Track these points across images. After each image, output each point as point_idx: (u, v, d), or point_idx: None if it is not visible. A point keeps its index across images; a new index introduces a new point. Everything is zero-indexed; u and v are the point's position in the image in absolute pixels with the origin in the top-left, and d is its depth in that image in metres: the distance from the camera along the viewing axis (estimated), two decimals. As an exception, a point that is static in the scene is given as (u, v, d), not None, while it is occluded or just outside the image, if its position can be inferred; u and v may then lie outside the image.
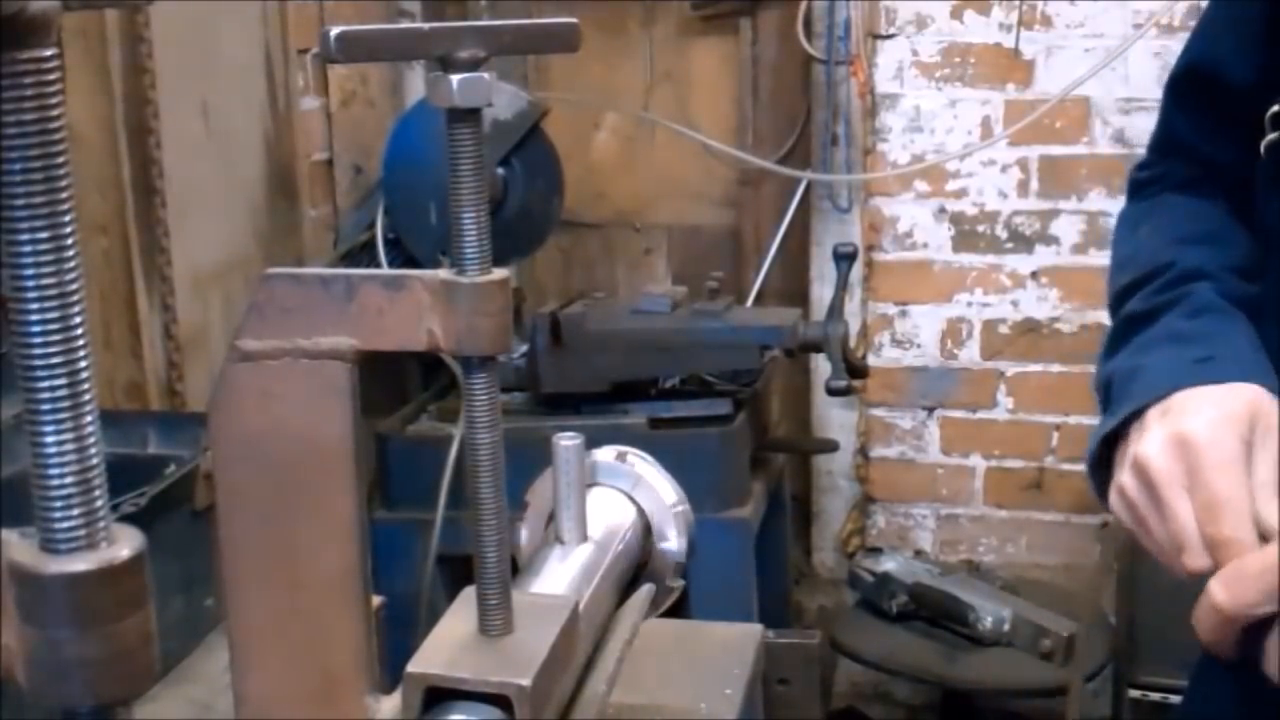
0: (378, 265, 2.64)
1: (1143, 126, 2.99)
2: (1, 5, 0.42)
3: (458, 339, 0.73)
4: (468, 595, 0.79)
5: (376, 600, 0.78)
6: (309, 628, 0.76)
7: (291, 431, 0.74)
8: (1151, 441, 0.90)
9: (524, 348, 2.50)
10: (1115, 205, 3.00)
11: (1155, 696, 2.73)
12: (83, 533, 0.47)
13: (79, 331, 0.46)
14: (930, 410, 3.22)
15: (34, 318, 0.45)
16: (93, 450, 0.47)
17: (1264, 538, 0.84)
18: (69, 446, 0.46)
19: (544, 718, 0.76)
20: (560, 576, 0.91)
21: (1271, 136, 1.02)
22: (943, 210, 3.13)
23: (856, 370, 2.60)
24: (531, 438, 1.28)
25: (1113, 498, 0.94)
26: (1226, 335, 1.00)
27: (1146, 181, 1.20)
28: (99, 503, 0.47)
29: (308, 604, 0.76)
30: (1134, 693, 2.77)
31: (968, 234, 3.13)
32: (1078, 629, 2.65)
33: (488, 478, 0.76)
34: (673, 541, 1.02)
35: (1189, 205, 1.15)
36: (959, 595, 2.72)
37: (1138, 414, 0.94)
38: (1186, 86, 1.15)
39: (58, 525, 0.47)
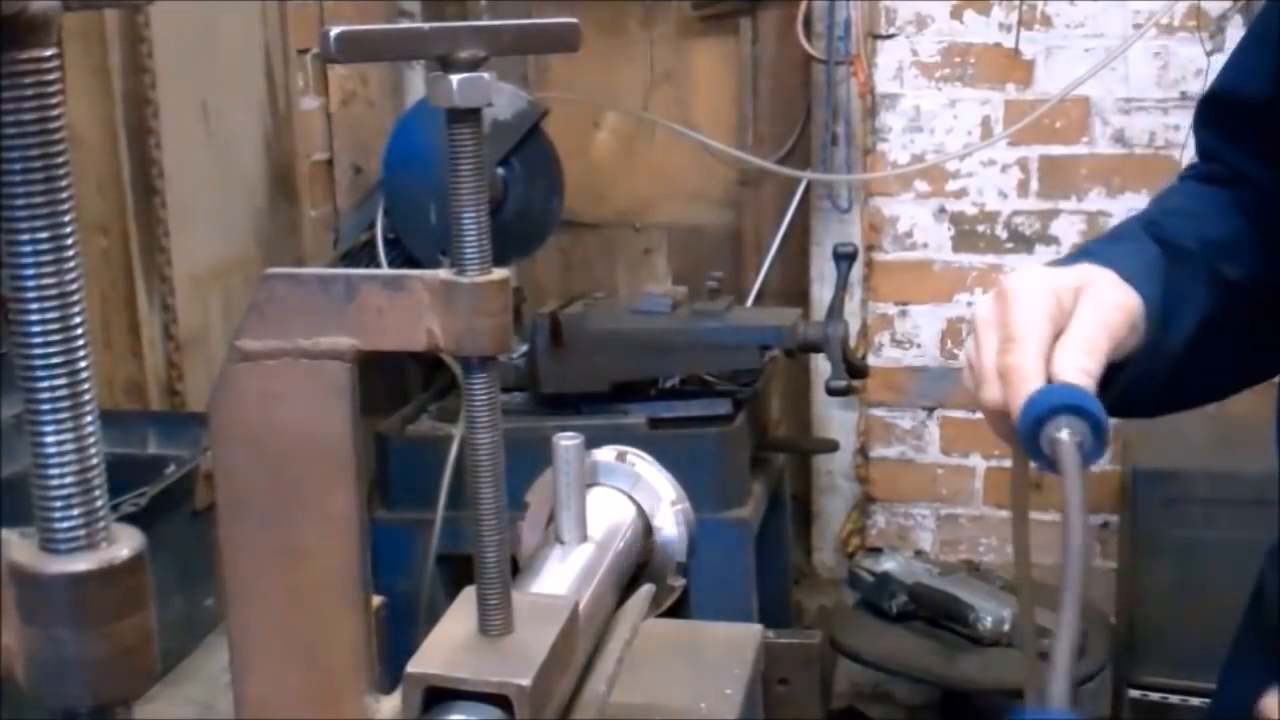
0: (378, 265, 2.64)
1: (1142, 126, 2.99)
2: (1, 5, 0.42)
3: (458, 339, 0.73)
4: (468, 595, 0.79)
5: (376, 600, 0.78)
6: (309, 628, 0.76)
7: (291, 431, 0.74)
8: (983, 299, 0.94)
9: (524, 348, 2.49)
10: (1115, 205, 3.01)
11: (1155, 696, 2.72)
12: (83, 533, 0.47)
13: (79, 331, 0.46)
14: (930, 410, 3.22)
15: (34, 318, 0.45)
16: (93, 450, 0.47)
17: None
18: (69, 446, 0.46)
19: (544, 718, 0.76)
20: (560, 576, 0.91)
21: None
22: (943, 210, 3.13)
23: (856, 370, 2.60)
24: (531, 438, 1.28)
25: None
26: (1114, 250, 1.02)
27: (1182, 177, 1.23)
28: (99, 503, 0.47)
29: (308, 604, 0.76)
30: (1134, 693, 2.77)
31: (968, 234, 3.13)
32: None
33: (488, 478, 0.76)
34: (673, 541, 1.02)
35: (1197, 188, 1.16)
36: (959, 595, 2.72)
37: None
38: (1211, 107, 1.17)
39: (58, 525, 0.47)
